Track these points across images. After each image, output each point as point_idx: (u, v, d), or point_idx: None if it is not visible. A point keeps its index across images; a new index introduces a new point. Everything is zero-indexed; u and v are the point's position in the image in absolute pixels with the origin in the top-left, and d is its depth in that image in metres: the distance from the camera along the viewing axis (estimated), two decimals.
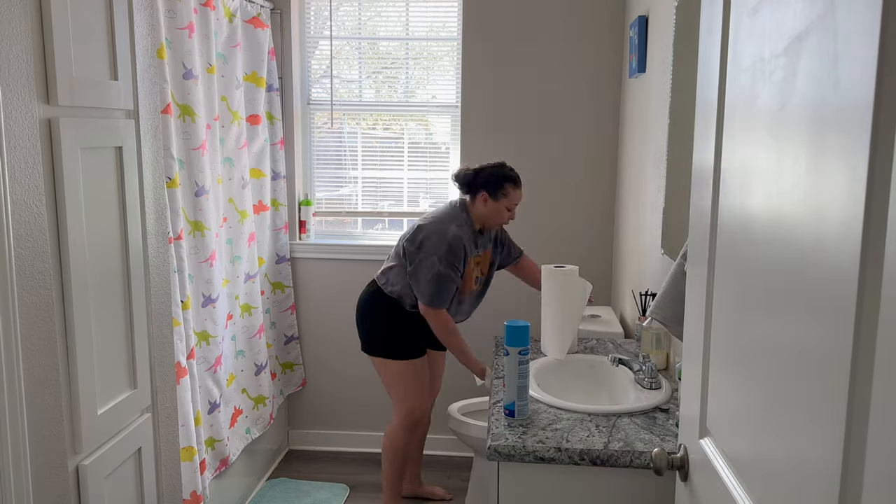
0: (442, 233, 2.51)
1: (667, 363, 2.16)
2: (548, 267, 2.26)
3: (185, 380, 2.29)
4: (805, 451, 0.75)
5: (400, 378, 2.71)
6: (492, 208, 2.55)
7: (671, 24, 2.20)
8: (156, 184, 1.82)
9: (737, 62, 1.00)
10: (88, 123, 1.52)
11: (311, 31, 3.39)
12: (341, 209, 3.50)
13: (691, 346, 1.20)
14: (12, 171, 1.31)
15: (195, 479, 2.35)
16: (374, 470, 3.35)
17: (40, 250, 1.39)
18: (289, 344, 3.41)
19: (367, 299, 2.72)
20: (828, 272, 0.69)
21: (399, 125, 3.43)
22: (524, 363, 1.76)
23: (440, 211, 2.64)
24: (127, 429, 1.69)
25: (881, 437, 0.60)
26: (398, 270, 2.63)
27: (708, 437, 1.12)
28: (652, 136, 2.51)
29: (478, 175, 2.56)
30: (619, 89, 3.21)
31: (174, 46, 2.37)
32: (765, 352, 0.86)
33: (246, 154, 2.92)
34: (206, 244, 2.52)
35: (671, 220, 2.15)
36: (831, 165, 0.69)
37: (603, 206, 3.29)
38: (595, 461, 1.59)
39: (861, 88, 0.63)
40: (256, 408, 3.03)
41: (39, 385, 1.40)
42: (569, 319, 2.20)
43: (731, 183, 1.01)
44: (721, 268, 1.05)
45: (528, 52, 3.20)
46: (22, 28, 1.33)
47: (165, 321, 1.88)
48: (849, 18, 0.66)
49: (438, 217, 2.59)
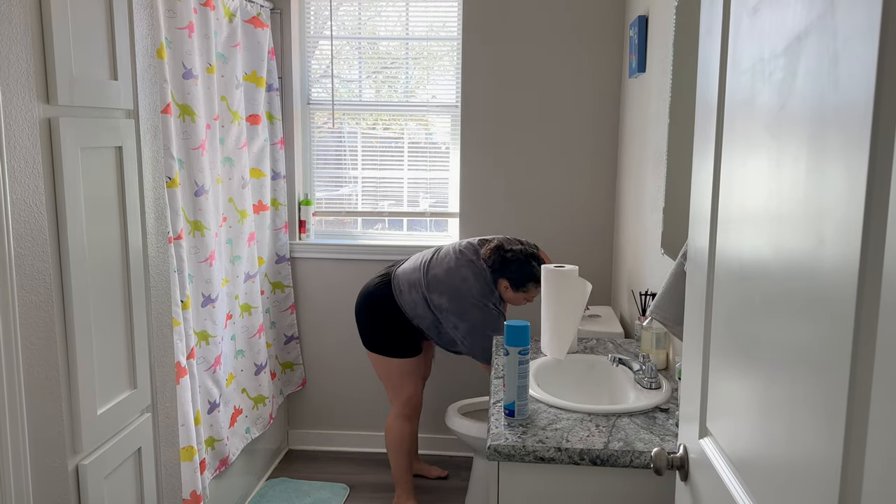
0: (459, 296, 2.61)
1: (667, 363, 2.16)
2: (548, 267, 2.26)
3: (185, 380, 2.29)
4: (805, 451, 0.75)
5: (398, 374, 2.79)
6: (510, 296, 2.67)
7: (671, 24, 2.20)
8: (156, 184, 1.82)
9: (737, 62, 1.00)
10: (88, 123, 1.52)
11: (311, 30, 3.39)
12: (341, 209, 3.50)
13: (691, 345, 1.20)
14: (12, 171, 1.31)
15: (195, 478, 2.35)
16: (375, 470, 3.35)
17: (40, 250, 1.39)
18: (289, 344, 3.41)
19: (375, 294, 2.76)
20: (828, 272, 0.69)
21: (399, 125, 3.43)
22: (524, 363, 1.76)
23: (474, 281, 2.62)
24: (127, 429, 1.69)
25: (881, 437, 0.60)
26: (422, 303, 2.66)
27: (708, 437, 1.12)
28: (652, 136, 2.51)
29: (506, 267, 2.61)
30: (619, 89, 3.21)
31: (174, 46, 2.37)
32: (765, 351, 0.86)
33: (246, 154, 2.92)
34: (205, 244, 2.52)
35: (671, 220, 2.15)
36: (831, 165, 0.69)
37: (603, 205, 3.29)
38: (595, 461, 1.59)
39: (861, 88, 0.63)
40: (256, 407, 3.03)
41: (39, 385, 1.40)
42: (569, 319, 2.20)
43: (731, 183, 1.01)
44: (721, 268, 1.05)
45: (527, 52, 3.20)
46: (22, 28, 1.33)
47: (165, 321, 1.88)
48: (849, 18, 0.66)
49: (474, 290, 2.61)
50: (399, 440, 2.84)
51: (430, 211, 3.46)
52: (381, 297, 2.74)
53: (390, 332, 2.74)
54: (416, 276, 2.69)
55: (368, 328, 2.78)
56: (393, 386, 2.82)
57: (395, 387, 2.82)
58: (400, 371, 2.79)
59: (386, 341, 2.75)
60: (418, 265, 2.72)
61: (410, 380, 2.81)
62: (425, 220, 3.49)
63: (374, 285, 2.78)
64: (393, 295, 2.72)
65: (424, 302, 2.66)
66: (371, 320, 2.76)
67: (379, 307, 2.74)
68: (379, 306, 2.74)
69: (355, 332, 3.46)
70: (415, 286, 2.68)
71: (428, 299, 2.65)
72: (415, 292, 2.67)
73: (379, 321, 2.75)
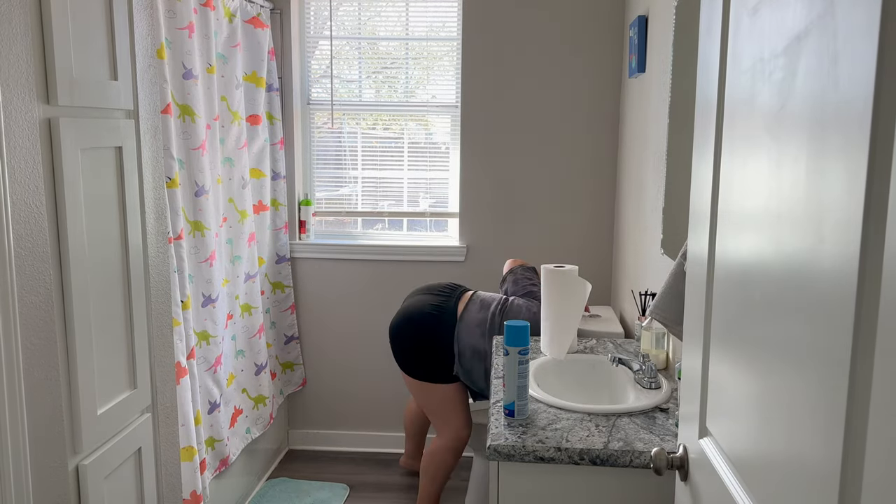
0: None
1: (667, 363, 2.16)
2: (548, 267, 2.26)
3: (185, 380, 2.29)
4: (805, 450, 0.75)
5: (452, 400, 2.66)
6: None
7: (671, 24, 2.21)
8: (156, 184, 1.82)
9: (736, 62, 1.00)
10: (88, 123, 1.52)
11: (311, 31, 3.39)
12: (341, 209, 3.50)
13: (691, 345, 1.20)
14: (12, 171, 1.31)
15: (195, 478, 2.35)
16: (375, 470, 3.35)
17: (40, 250, 1.39)
18: (289, 344, 3.41)
19: (440, 318, 2.59)
20: (827, 272, 0.69)
21: (399, 125, 3.43)
22: (524, 363, 1.76)
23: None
24: (127, 429, 1.69)
25: (881, 436, 0.60)
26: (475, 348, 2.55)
27: (708, 437, 1.12)
28: (652, 136, 2.51)
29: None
30: (619, 89, 3.21)
31: (174, 46, 2.37)
32: (765, 351, 0.86)
33: (246, 154, 2.92)
34: (205, 244, 2.52)
35: (671, 220, 2.15)
36: (831, 165, 0.69)
37: (603, 206, 3.29)
38: (595, 461, 1.59)
39: (861, 88, 0.63)
40: (256, 407, 3.03)
41: (39, 385, 1.40)
42: (569, 319, 2.20)
43: (731, 182, 1.01)
44: (721, 268, 1.05)
45: (527, 52, 3.20)
46: (22, 28, 1.33)
47: (165, 321, 1.88)
48: (849, 18, 0.66)
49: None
50: (442, 472, 2.72)
51: (430, 211, 3.46)
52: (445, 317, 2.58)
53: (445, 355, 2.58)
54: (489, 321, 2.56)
55: (428, 355, 2.60)
56: (441, 416, 2.67)
57: (443, 417, 2.67)
58: (455, 395, 2.64)
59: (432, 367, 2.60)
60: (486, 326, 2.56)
61: (459, 408, 2.67)
62: (425, 220, 3.49)
63: (429, 308, 2.62)
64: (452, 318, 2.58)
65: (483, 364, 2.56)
66: (432, 345, 2.59)
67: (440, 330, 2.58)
68: (441, 328, 2.58)
69: (355, 331, 3.46)
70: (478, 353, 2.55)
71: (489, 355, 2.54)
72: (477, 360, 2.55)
73: (439, 345, 2.59)
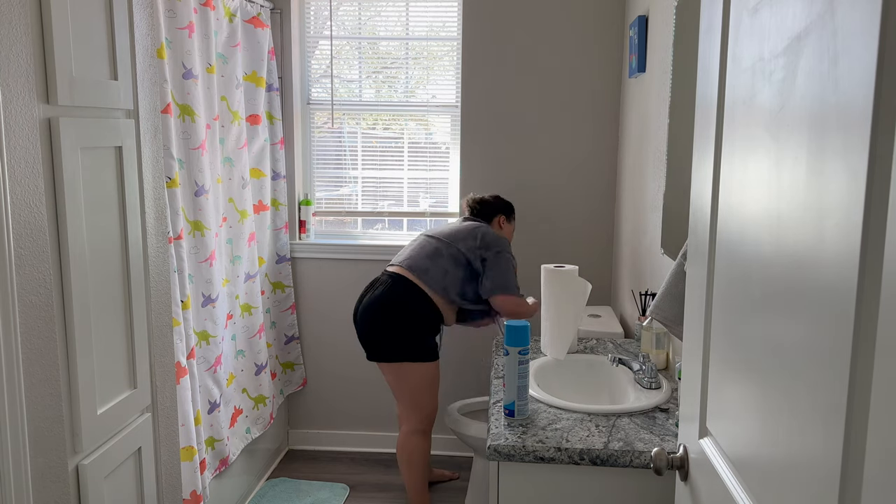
0: (494, 233, 2.71)
1: (667, 363, 2.16)
2: (548, 267, 2.26)
3: (185, 379, 2.29)
4: (805, 451, 0.75)
5: (425, 382, 2.66)
6: (507, 230, 2.86)
7: (671, 24, 2.21)
8: (156, 183, 1.82)
9: (737, 62, 1.00)
10: (88, 123, 1.52)
11: (311, 30, 3.39)
12: (341, 209, 3.50)
13: (691, 345, 1.20)
14: (12, 171, 1.31)
15: (195, 478, 2.35)
16: (375, 470, 3.35)
17: (40, 250, 1.39)
18: (289, 344, 3.41)
19: (384, 298, 2.61)
20: (828, 272, 0.69)
21: (399, 125, 3.43)
22: (524, 363, 1.76)
23: (469, 223, 2.76)
24: (127, 428, 1.69)
25: (881, 437, 0.60)
26: (452, 276, 2.63)
27: (708, 437, 1.12)
28: (652, 136, 2.51)
29: (495, 205, 2.86)
30: (619, 89, 3.21)
31: (174, 46, 2.37)
32: (765, 352, 0.86)
33: (246, 154, 2.92)
34: (205, 244, 2.52)
35: (671, 220, 2.15)
36: (831, 165, 0.69)
37: (603, 206, 3.29)
38: (595, 461, 1.59)
39: (861, 88, 0.63)
40: (256, 407, 3.03)
41: (39, 385, 1.40)
42: (569, 319, 2.20)
43: (731, 182, 1.01)
44: (721, 268, 1.05)
45: (527, 52, 3.20)
46: (22, 28, 1.33)
47: (165, 321, 1.88)
48: (848, 18, 0.66)
49: (478, 224, 2.73)
50: (418, 457, 2.71)
51: (430, 211, 3.46)
52: (391, 300, 2.59)
53: (418, 333, 2.60)
54: (431, 247, 2.66)
55: (385, 335, 2.61)
56: (414, 398, 2.66)
57: (417, 399, 2.66)
58: (426, 379, 2.64)
59: (418, 344, 2.61)
60: (422, 244, 2.69)
61: (433, 389, 2.68)
62: (425, 220, 3.49)
63: (379, 293, 2.62)
64: (402, 295, 2.59)
65: (452, 260, 2.62)
66: (388, 325, 2.60)
67: (393, 310, 2.59)
68: (393, 310, 2.59)
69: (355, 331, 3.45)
70: (436, 253, 2.64)
71: (456, 251, 2.62)
72: (439, 258, 2.63)
73: (397, 324, 2.59)
